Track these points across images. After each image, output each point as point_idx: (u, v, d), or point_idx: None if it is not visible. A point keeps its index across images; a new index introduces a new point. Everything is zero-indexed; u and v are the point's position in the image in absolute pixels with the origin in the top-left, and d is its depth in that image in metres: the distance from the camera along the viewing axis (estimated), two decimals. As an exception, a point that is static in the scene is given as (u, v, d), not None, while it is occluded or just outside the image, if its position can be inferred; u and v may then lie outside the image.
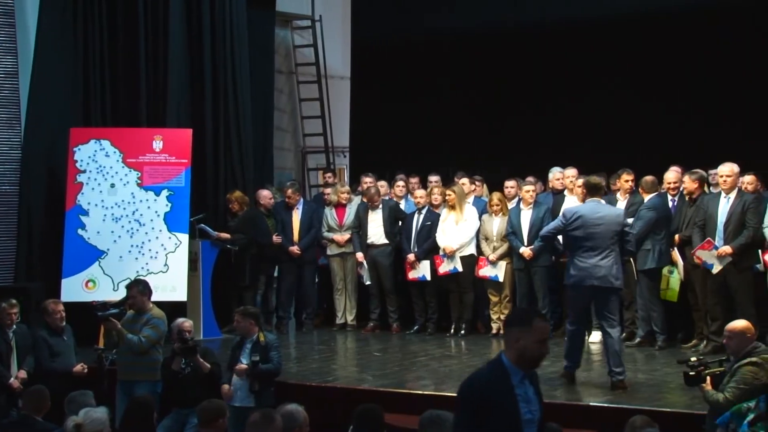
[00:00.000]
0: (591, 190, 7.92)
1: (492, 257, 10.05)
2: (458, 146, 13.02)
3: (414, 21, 13.86)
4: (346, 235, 10.85)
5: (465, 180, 10.79)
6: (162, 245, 10.20)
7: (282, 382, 7.97)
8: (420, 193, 10.70)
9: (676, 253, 9.27)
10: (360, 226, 10.81)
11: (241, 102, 11.62)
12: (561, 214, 8.03)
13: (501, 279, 10.02)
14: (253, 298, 10.83)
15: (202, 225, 10.57)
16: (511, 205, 10.25)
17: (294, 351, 9.93)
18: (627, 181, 9.64)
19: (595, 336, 9.34)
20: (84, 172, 10.22)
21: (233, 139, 11.54)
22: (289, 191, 11.05)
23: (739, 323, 6.16)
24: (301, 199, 11.23)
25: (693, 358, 6.23)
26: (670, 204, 9.46)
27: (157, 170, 10.31)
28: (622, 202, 9.48)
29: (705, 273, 9.00)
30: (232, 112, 11.53)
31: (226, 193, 11.13)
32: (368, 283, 10.72)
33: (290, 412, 5.22)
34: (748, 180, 9.10)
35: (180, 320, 8.09)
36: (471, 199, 10.61)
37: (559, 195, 10.24)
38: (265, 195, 11.01)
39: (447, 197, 10.31)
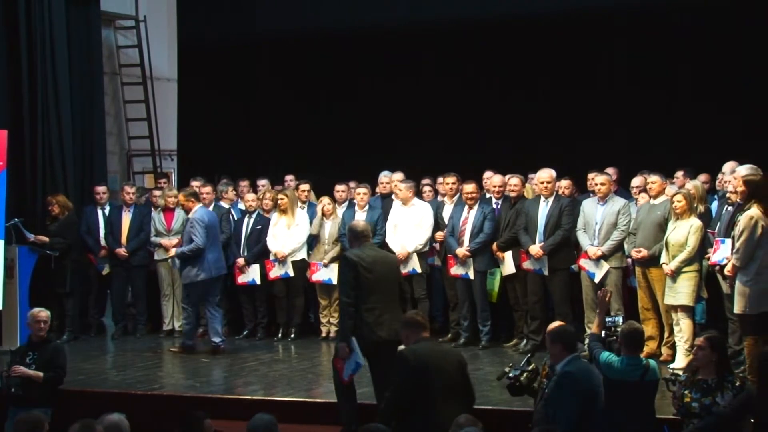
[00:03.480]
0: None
1: (324, 260, 10.11)
2: (288, 149, 13.03)
3: (242, 22, 13.79)
4: (174, 240, 10.66)
5: (305, 186, 10.72)
6: (-25, 251, 9.71)
7: (103, 392, 7.76)
8: (250, 197, 10.63)
9: (502, 254, 9.57)
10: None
11: (62, 103, 11.24)
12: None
13: (334, 282, 10.06)
14: (76, 305, 10.51)
15: (18, 224, 10.15)
16: (341, 209, 10.33)
17: (117, 359, 9.67)
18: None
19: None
20: None
21: (54, 142, 11.15)
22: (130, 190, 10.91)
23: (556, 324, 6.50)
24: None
25: (507, 369, 6.50)
26: (494, 206, 9.77)
27: (-30, 173, 9.83)
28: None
29: (525, 274, 9.37)
30: (52, 114, 11.14)
31: (46, 196, 10.74)
32: None
33: (114, 422, 5.10)
34: (565, 185, 9.51)
35: (36, 310, 7.85)
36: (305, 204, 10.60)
37: (387, 199, 10.40)
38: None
39: (279, 201, 10.28)
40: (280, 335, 10.37)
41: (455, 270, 9.64)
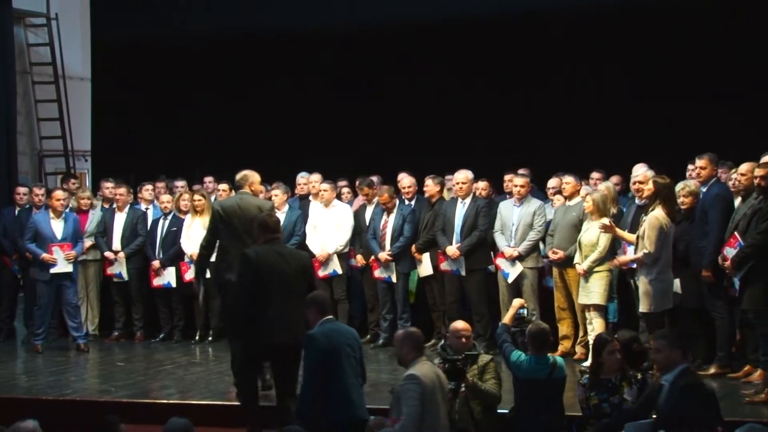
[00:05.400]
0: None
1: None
2: (206, 150, 12.90)
3: (158, 20, 13.60)
4: (88, 243, 10.45)
5: (224, 186, 10.58)
6: None
7: (14, 398, 7.59)
8: (165, 198, 10.49)
9: (419, 255, 9.62)
10: (105, 231, 10.51)
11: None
12: None
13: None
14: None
15: None
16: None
17: (28, 364, 9.47)
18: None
19: None
20: None
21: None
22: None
23: (458, 324, 6.64)
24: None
25: (437, 361, 6.51)
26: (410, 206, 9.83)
27: None
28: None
29: (443, 275, 9.45)
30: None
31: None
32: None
33: (28, 429, 4.97)
34: (482, 186, 9.63)
35: None
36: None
37: (305, 200, 10.37)
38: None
39: (196, 202, 10.16)
40: (197, 338, 10.26)
41: (378, 273, 9.69)
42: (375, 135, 12.36)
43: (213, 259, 7.96)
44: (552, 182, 9.58)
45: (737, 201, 8.00)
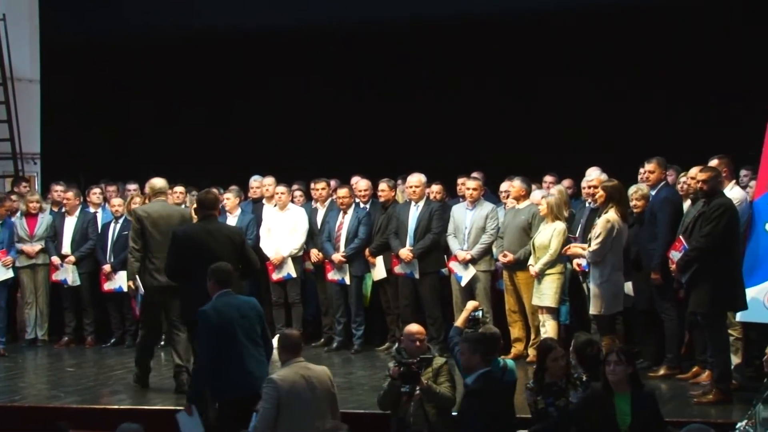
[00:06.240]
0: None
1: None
2: (157, 153, 12.79)
3: (108, 21, 13.45)
4: (37, 246, 10.32)
5: (180, 189, 10.52)
6: None
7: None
8: (117, 201, 10.38)
9: (373, 258, 9.64)
10: (55, 235, 10.39)
11: None
12: None
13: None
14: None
15: None
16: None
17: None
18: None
19: None
20: None
21: None
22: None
23: (412, 327, 6.64)
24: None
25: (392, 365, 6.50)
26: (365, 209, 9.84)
27: None
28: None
29: (396, 277, 9.47)
30: None
31: None
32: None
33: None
34: (436, 189, 9.66)
35: None
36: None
37: (258, 203, 10.34)
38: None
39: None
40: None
41: (332, 275, 9.68)
42: (329, 139, 12.34)
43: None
44: (504, 186, 9.64)
45: (686, 204, 8.13)
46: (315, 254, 9.83)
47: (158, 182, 8.32)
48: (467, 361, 6.14)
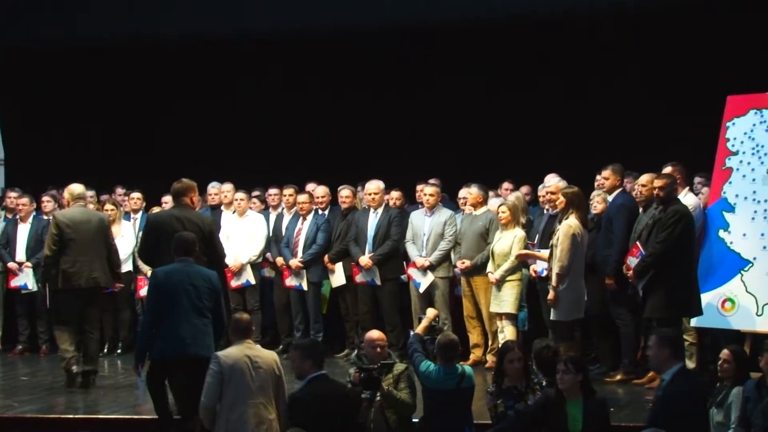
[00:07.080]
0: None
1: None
2: (117, 158, 12.67)
3: (66, 24, 13.24)
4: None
5: (137, 195, 10.49)
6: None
7: None
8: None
9: (332, 265, 9.62)
10: (8, 242, 10.28)
11: None
12: None
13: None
14: None
15: None
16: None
17: None
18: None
19: None
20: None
21: None
22: None
23: (373, 333, 6.67)
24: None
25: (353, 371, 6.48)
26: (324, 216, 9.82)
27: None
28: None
29: (356, 285, 9.47)
30: None
31: None
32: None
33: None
34: (396, 196, 9.68)
35: None
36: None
37: (216, 210, 10.28)
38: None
39: (110, 212, 9.96)
40: (105, 350, 10.06)
41: (289, 281, 9.65)
42: (285, 145, 12.30)
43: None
44: (462, 192, 9.68)
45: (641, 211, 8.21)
46: (281, 261, 9.79)
47: (77, 188, 8.73)
48: (298, 367, 6.19)
